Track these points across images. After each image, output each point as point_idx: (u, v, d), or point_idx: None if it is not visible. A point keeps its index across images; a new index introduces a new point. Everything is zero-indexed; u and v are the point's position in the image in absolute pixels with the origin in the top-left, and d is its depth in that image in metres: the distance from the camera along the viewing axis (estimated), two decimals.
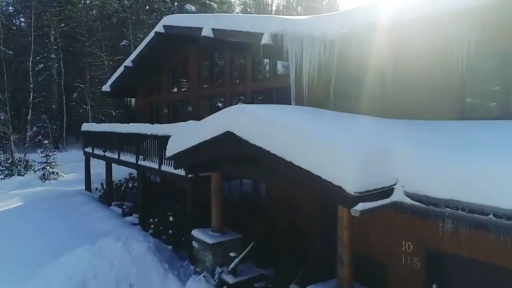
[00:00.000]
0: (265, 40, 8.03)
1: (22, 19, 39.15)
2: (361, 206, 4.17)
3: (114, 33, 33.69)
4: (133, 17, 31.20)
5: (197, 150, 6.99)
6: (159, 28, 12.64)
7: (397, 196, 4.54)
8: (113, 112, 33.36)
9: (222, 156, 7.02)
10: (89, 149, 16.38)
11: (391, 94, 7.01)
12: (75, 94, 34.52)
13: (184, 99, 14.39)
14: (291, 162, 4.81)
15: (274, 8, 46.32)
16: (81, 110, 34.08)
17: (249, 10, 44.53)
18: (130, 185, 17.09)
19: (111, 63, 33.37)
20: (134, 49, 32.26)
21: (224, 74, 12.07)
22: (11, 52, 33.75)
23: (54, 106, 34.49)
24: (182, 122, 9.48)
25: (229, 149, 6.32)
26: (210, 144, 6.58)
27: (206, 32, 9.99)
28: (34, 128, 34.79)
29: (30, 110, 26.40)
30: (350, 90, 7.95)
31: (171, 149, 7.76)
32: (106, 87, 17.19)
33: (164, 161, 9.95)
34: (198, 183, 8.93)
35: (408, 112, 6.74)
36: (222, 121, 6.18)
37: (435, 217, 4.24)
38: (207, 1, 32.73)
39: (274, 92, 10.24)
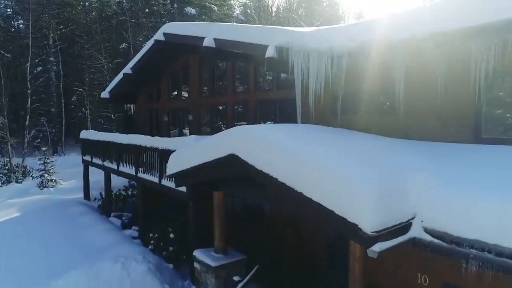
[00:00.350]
0: (270, 53, 7.72)
1: (21, 21, 38.76)
2: (378, 247, 3.86)
3: (114, 36, 33.36)
4: (133, 20, 30.86)
5: (199, 170, 6.68)
6: (159, 35, 12.33)
7: (416, 231, 4.23)
8: (112, 116, 33.03)
9: (225, 176, 6.71)
10: (87, 157, 16.06)
11: (401, 112, 6.71)
12: (74, 97, 34.21)
13: (185, 107, 14.08)
14: (301, 193, 4.51)
15: (274, 9, 45.99)
16: (80, 113, 33.79)
17: (249, 11, 44.18)
18: (129, 192, 16.77)
19: (110, 65, 33.07)
20: (134, 52, 32.07)
21: (226, 83, 11.76)
22: (9, 55, 33.43)
23: (53, 109, 34.14)
24: (184, 137, 9.18)
25: (233, 172, 6.01)
26: (213, 166, 6.27)
27: (208, 42, 9.68)
28: (33, 132, 34.49)
29: (28, 117, 26.02)
30: (358, 106, 7.64)
31: (173, 166, 7.45)
32: (105, 94, 16.86)
33: (165, 176, 9.64)
34: (200, 200, 8.62)
35: (419, 131, 6.45)
36: (227, 142, 5.87)
37: (457, 257, 3.93)
38: (207, 4, 32.39)
39: (277, 103, 9.93)
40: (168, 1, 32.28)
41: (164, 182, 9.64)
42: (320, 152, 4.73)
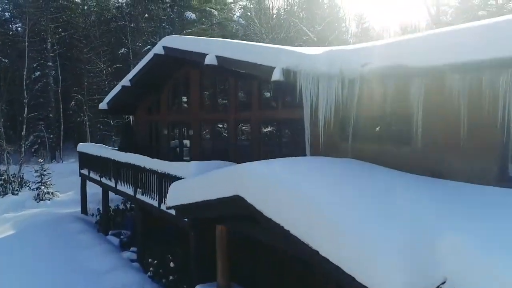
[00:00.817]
0: (276, 76, 7.26)
1: (19, 25, 38.24)
2: None
3: (113, 40, 32.88)
4: (132, 25, 30.37)
5: (200, 206, 6.22)
6: (158, 49, 11.86)
7: None
8: (111, 121, 32.59)
9: (229, 214, 6.24)
10: (85, 171, 15.61)
11: (419, 143, 6.24)
12: (73, 102, 33.73)
13: (185, 121, 13.61)
14: (317, 252, 4.04)
15: (275, 11, 45.37)
16: (78, 119, 33.32)
17: (249, 14, 43.65)
18: (128, 206, 16.31)
19: (109, 69, 32.58)
20: (133, 57, 31.63)
21: (229, 99, 11.28)
22: (6, 60, 32.96)
23: (51, 115, 33.68)
24: (185, 163, 8.72)
25: (237, 212, 5.55)
26: (216, 204, 5.81)
27: (210, 60, 9.22)
28: (31, 138, 34.03)
29: (25, 126, 25.49)
30: (371, 134, 7.17)
31: (173, 198, 6.99)
32: (103, 105, 16.38)
33: (165, 200, 9.17)
34: (202, 230, 8.15)
35: (437, 164, 5.98)
36: (230, 182, 5.40)
37: None
38: (208, 8, 31.90)
39: (282, 124, 9.46)
40: (168, 5, 31.83)
41: (164, 207, 9.17)
42: (337, 204, 4.26)
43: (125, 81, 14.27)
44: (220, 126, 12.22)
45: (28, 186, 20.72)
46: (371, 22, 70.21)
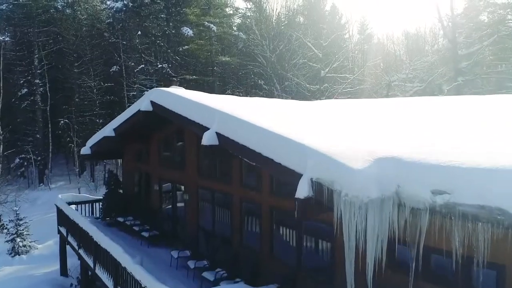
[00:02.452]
0: (304, 190, 5.16)
1: (7, 39, 35.78)
2: None
3: (104, 57, 30.63)
4: (124, 42, 28.10)
5: None
6: (145, 105, 9.69)
7: None
8: None
9: None
10: (63, 230, 13.48)
11: None
12: (62, 122, 31.36)
13: (180, 182, 11.48)
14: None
15: (275, 18, 42.94)
16: (68, 139, 31.01)
17: (248, 21, 41.42)
18: None
19: (102, 83, 30.12)
20: (126, 75, 29.38)
21: (231, 172, 9.12)
22: None
23: (38, 136, 31.44)
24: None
25: None
26: None
27: (209, 138, 7.10)
28: (16, 160, 31.76)
29: (0, 165, 23.20)
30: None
31: None
32: (85, 150, 14.19)
33: None
34: None
35: None
36: None
37: None
38: (206, 23, 29.68)
39: (303, 222, 7.31)
40: (165, 20, 29.55)
41: None
42: None
43: (109, 130, 12.10)
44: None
45: (5, 228, 18.36)
46: (374, 29, 68.22)
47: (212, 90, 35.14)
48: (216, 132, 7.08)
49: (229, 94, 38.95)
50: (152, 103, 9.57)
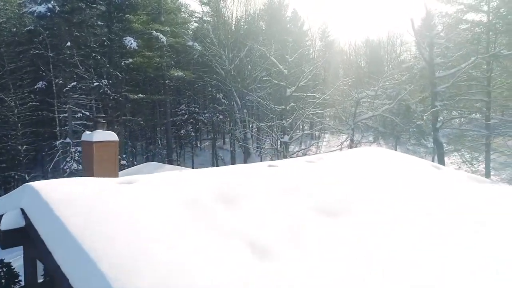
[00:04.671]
0: None
1: None
2: None
3: (29, 70, 25.36)
4: (51, 54, 23.04)
5: None
6: (12, 216, 5.54)
7: None
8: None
9: None
10: None
11: None
12: None
13: None
14: None
15: (234, 21, 38.83)
16: None
17: (205, 26, 37.16)
18: None
19: (23, 106, 24.76)
20: (57, 95, 24.28)
21: None
22: None
23: None
24: None
25: None
26: None
27: None
28: None
29: None
30: None
31: None
32: None
33: None
34: None
35: None
36: None
37: None
38: (154, 32, 25.26)
39: None
40: (104, 26, 24.70)
41: None
42: None
43: None
44: None
45: None
46: (336, 36, 66.44)
47: (165, 108, 30.79)
48: None
49: (183, 110, 34.69)
50: (25, 212, 5.46)
